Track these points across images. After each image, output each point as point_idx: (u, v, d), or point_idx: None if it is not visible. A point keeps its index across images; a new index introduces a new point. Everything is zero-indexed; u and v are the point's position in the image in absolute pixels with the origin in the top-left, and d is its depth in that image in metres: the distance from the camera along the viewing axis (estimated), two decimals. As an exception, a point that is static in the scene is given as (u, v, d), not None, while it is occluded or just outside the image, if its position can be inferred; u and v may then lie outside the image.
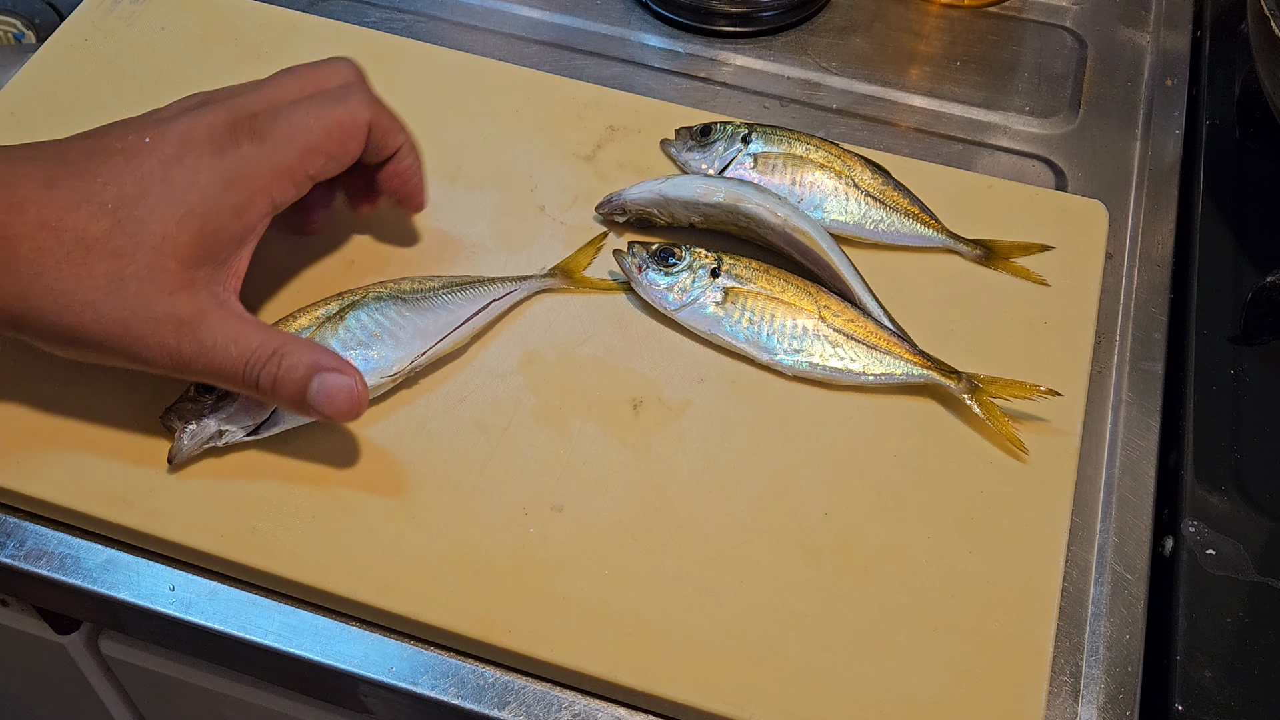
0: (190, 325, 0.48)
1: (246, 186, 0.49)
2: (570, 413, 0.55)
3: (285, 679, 0.53)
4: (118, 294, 0.47)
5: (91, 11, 0.72)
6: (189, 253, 0.48)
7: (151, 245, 0.48)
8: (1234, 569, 0.52)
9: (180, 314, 0.48)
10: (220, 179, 0.49)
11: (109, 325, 0.47)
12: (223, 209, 0.49)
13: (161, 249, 0.48)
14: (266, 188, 0.50)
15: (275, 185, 0.50)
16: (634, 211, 0.62)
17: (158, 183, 0.49)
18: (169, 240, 0.48)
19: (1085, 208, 0.65)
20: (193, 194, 0.49)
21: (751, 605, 0.50)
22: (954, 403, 0.56)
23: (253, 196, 0.50)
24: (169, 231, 0.48)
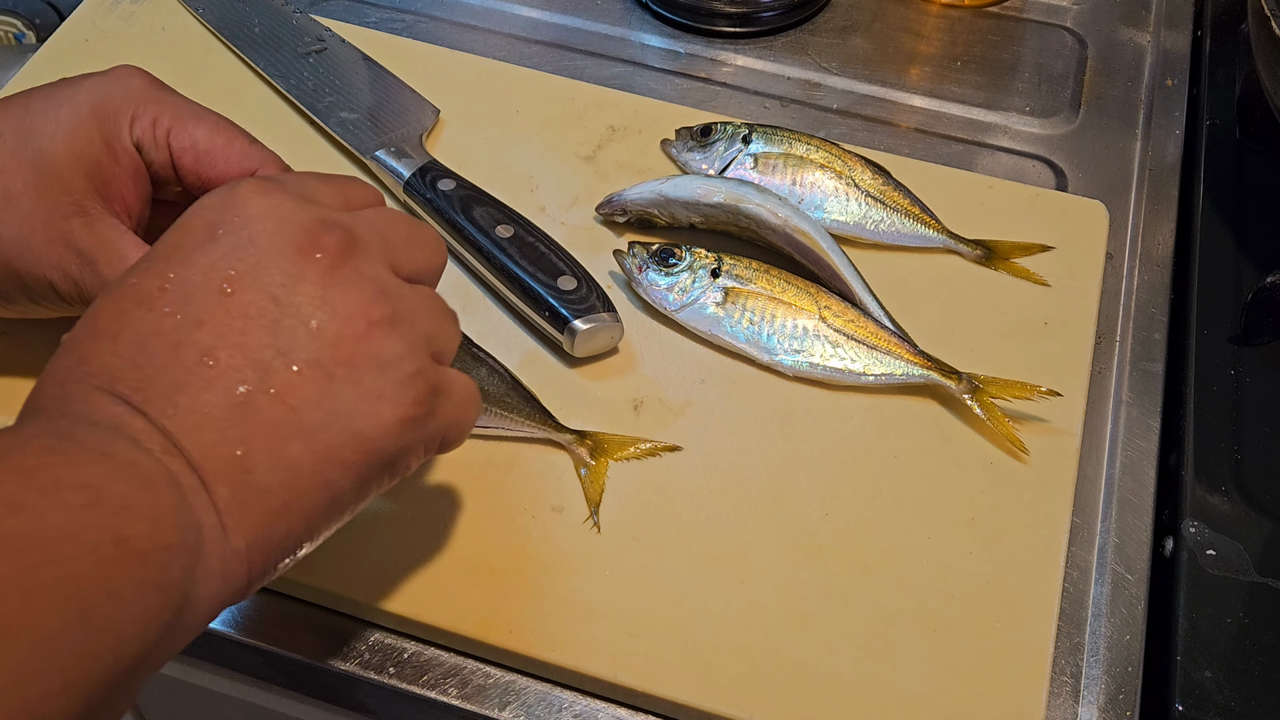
0: (90, 256, 0.48)
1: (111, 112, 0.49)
2: (571, 413, 0.55)
3: (285, 679, 0.53)
4: (10, 210, 0.48)
5: (92, 12, 0.72)
6: (66, 173, 0.48)
7: (30, 160, 0.48)
8: (1234, 569, 0.52)
9: (78, 242, 0.48)
10: (90, 101, 0.49)
11: (9, 244, 0.48)
12: (92, 132, 0.49)
13: (40, 164, 0.48)
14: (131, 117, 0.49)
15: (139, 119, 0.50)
16: (634, 212, 0.62)
17: (37, 100, 0.49)
18: (45, 156, 0.48)
19: (1085, 208, 0.65)
20: (64, 110, 0.49)
21: (752, 605, 0.50)
22: (954, 403, 0.56)
23: (117, 124, 0.49)
24: (45, 147, 0.48)
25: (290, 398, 0.38)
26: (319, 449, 0.38)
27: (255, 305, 0.38)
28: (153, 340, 0.38)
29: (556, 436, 0.54)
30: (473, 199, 0.61)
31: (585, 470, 0.53)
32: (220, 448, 0.37)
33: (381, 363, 0.40)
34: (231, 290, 0.38)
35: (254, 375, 0.38)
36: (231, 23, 0.72)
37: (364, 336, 0.39)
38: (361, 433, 0.39)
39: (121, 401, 0.37)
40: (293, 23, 0.72)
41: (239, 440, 0.37)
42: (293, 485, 0.38)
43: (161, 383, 0.37)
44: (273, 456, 0.38)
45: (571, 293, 0.57)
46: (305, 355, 0.38)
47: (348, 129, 0.66)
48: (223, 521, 0.37)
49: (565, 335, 0.56)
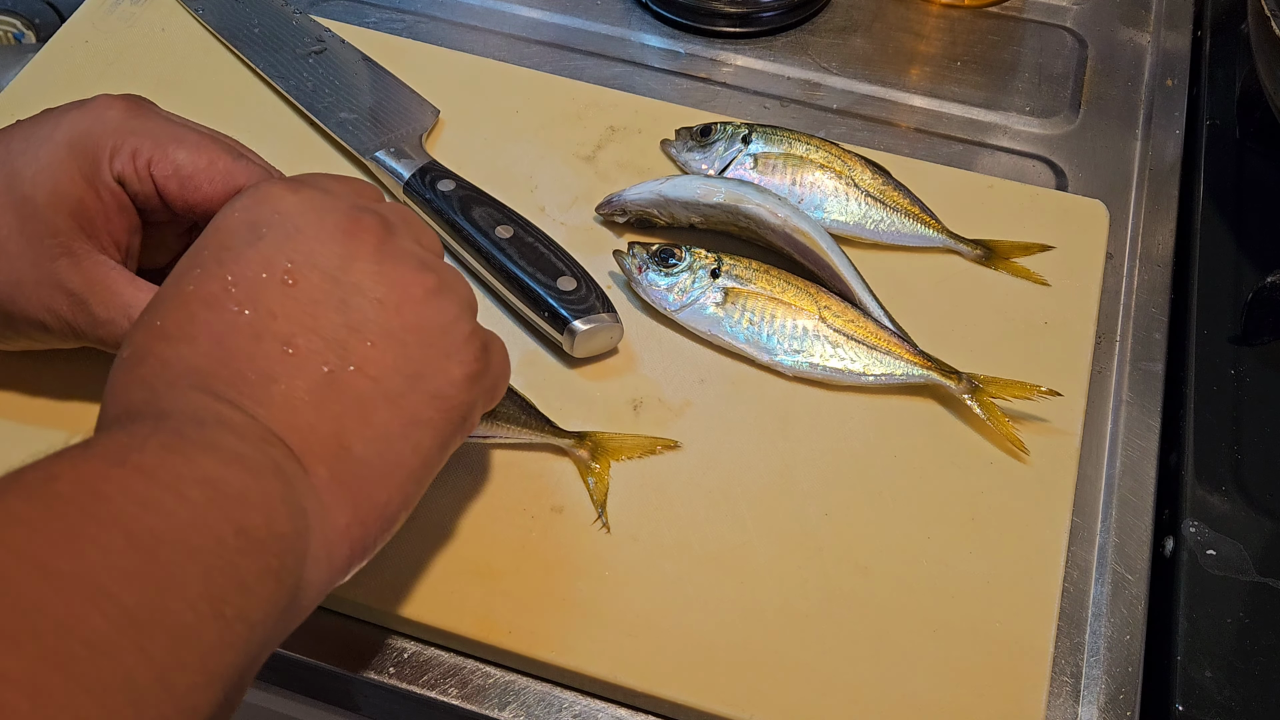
0: (80, 297, 0.48)
1: (89, 148, 0.49)
2: (570, 413, 0.55)
3: (286, 680, 0.53)
4: (1, 255, 0.48)
5: (92, 13, 0.72)
6: (49, 216, 0.48)
7: (15, 206, 0.48)
8: (1234, 569, 0.52)
9: (67, 284, 0.48)
10: (67, 139, 0.49)
11: (2, 287, 0.48)
12: (71, 171, 0.49)
13: (23, 209, 0.48)
14: (110, 151, 0.49)
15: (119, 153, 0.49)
16: (634, 212, 0.62)
17: (19, 141, 0.50)
18: (29, 201, 0.48)
19: (1085, 208, 0.65)
20: (44, 150, 0.49)
21: (751, 606, 0.50)
22: (954, 403, 0.56)
23: (96, 161, 0.49)
24: (27, 191, 0.48)
25: (371, 369, 0.40)
26: (405, 413, 0.41)
27: (319, 289, 0.40)
28: (232, 337, 0.39)
29: (556, 441, 0.54)
30: (472, 199, 0.61)
31: (589, 472, 0.53)
32: (316, 429, 0.39)
33: (443, 325, 0.42)
34: (293, 281, 0.40)
35: (334, 354, 0.40)
36: (231, 23, 0.72)
37: (423, 302, 0.42)
38: (439, 391, 0.41)
39: (218, 397, 0.38)
40: (292, 23, 0.72)
41: (332, 418, 0.39)
42: (385, 453, 0.40)
43: (251, 375, 0.39)
44: (364, 428, 0.40)
45: (571, 293, 0.57)
46: (376, 327, 0.41)
47: (347, 129, 0.66)
48: (323, 501, 0.38)
49: (565, 336, 0.56)
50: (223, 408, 0.38)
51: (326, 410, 0.39)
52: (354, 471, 0.39)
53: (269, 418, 0.38)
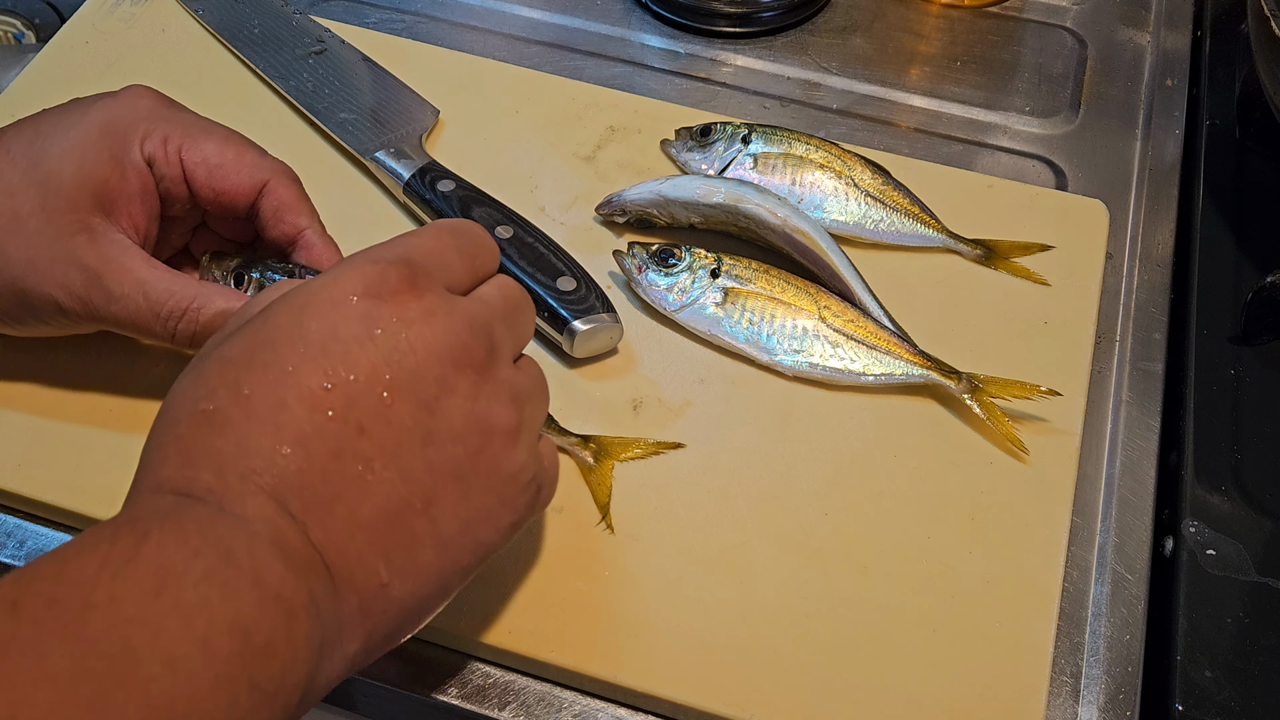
0: (96, 273, 0.48)
1: (121, 130, 0.50)
2: (570, 413, 0.55)
3: (286, 679, 0.53)
4: (18, 232, 0.48)
5: (92, 13, 0.72)
6: (73, 192, 0.48)
7: (39, 181, 0.48)
8: (1234, 569, 0.52)
9: (84, 259, 0.48)
10: (100, 121, 0.50)
11: (16, 265, 0.48)
12: (101, 151, 0.49)
13: (48, 185, 0.48)
14: (141, 135, 0.50)
15: (150, 136, 0.50)
16: (634, 212, 0.62)
17: (47, 123, 0.50)
18: (54, 177, 0.49)
19: (1085, 207, 0.65)
20: (74, 132, 0.50)
21: (751, 606, 0.50)
22: (954, 403, 0.56)
23: (126, 143, 0.50)
24: (53, 168, 0.49)
25: (434, 510, 0.39)
26: (447, 557, 0.39)
27: (411, 415, 0.38)
28: (317, 444, 0.37)
29: (559, 441, 0.54)
30: (472, 200, 0.61)
31: (591, 473, 0.53)
32: (365, 560, 0.37)
33: (510, 473, 0.41)
34: (390, 399, 0.38)
35: (405, 488, 0.38)
36: (232, 24, 0.72)
37: (501, 450, 0.40)
38: (484, 541, 0.40)
39: (281, 507, 0.36)
40: (292, 24, 0.72)
41: (383, 553, 0.38)
42: (417, 592, 0.39)
43: (322, 492, 0.37)
44: (408, 566, 0.38)
45: (571, 293, 0.57)
46: (451, 468, 0.39)
47: (347, 130, 0.66)
48: (343, 631, 0.37)
49: (565, 336, 0.56)
50: (282, 522, 0.36)
51: (380, 545, 0.37)
52: (384, 609, 0.38)
53: (323, 541, 0.37)
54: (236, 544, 0.34)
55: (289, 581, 0.35)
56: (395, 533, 0.38)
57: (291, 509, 0.36)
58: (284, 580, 0.35)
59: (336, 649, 0.37)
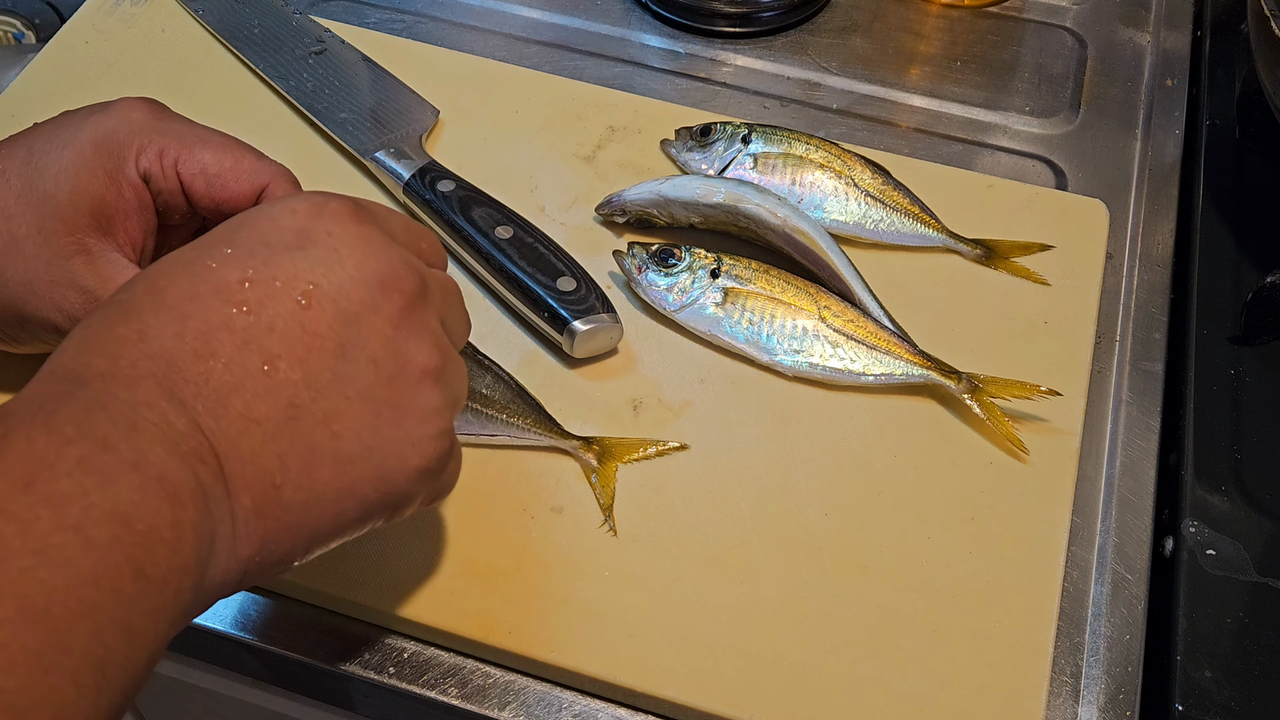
0: (95, 294, 0.48)
1: (116, 146, 0.50)
2: (570, 414, 0.55)
3: (285, 680, 0.53)
4: (16, 255, 0.48)
5: (92, 13, 0.72)
6: (68, 214, 0.48)
7: (35, 204, 0.48)
8: (1234, 569, 0.52)
9: (82, 280, 0.48)
10: (93, 138, 0.50)
11: (14, 288, 0.48)
12: (95, 169, 0.49)
13: (44, 208, 0.48)
14: (135, 150, 0.50)
15: (145, 151, 0.50)
16: (634, 212, 0.62)
17: (41, 141, 0.50)
18: (49, 199, 0.48)
19: (1085, 207, 0.65)
20: (68, 151, 0.49)
21: (751, 605, 0.50)
22: (954, 403, 0.56)
23: (121, 159, 0.50)
24: (48, 189, 0.48)
25: (335, 424, 0.38)
26: (345, 480, 0.39)
27: (327, 324, 0.38)
28: (222, 334, 0.37)
29: (562, 443, 0.54)
30: (472, 200, 0.61)
31: (595, 475, 0.53)
32: (258, 458, 0.37)
33: (424, 413, 0.40)
34: (307, 304, 0.38)
35: (308, 393, 0.38)
36: (231, 24, 0.72)
37: (415, 384, 0.40)
38: (387, 474, 0.40)
39: (170, 395, 0.36)
40: (292, 24, 0.72)
41: (277, 454, 0.37)
42: (310, 508, 0.38)
43: (219, 381, 0.36)
44: (303, 476, 0.38)
45: (571, 294, 0.57)
46: (360, 387, 0.39)
47: (347, 130, 0.66)
48: (235, 530, 0.37)
49: (565, 336, 0.56)
50: (170, 409, 0.35)
51: (274, 445, 0.37)
52: (275, 514, 0.37)
53: (215, 430, 0.36)
54: (114, 431, 0.34)
55: (172, 465, 0.34)
56: (292, 437, 0.37)
57: (183, 395, 0.36)
58: (166, 464, 0.34)
59: (229, 547, 0.36)
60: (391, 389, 0.39)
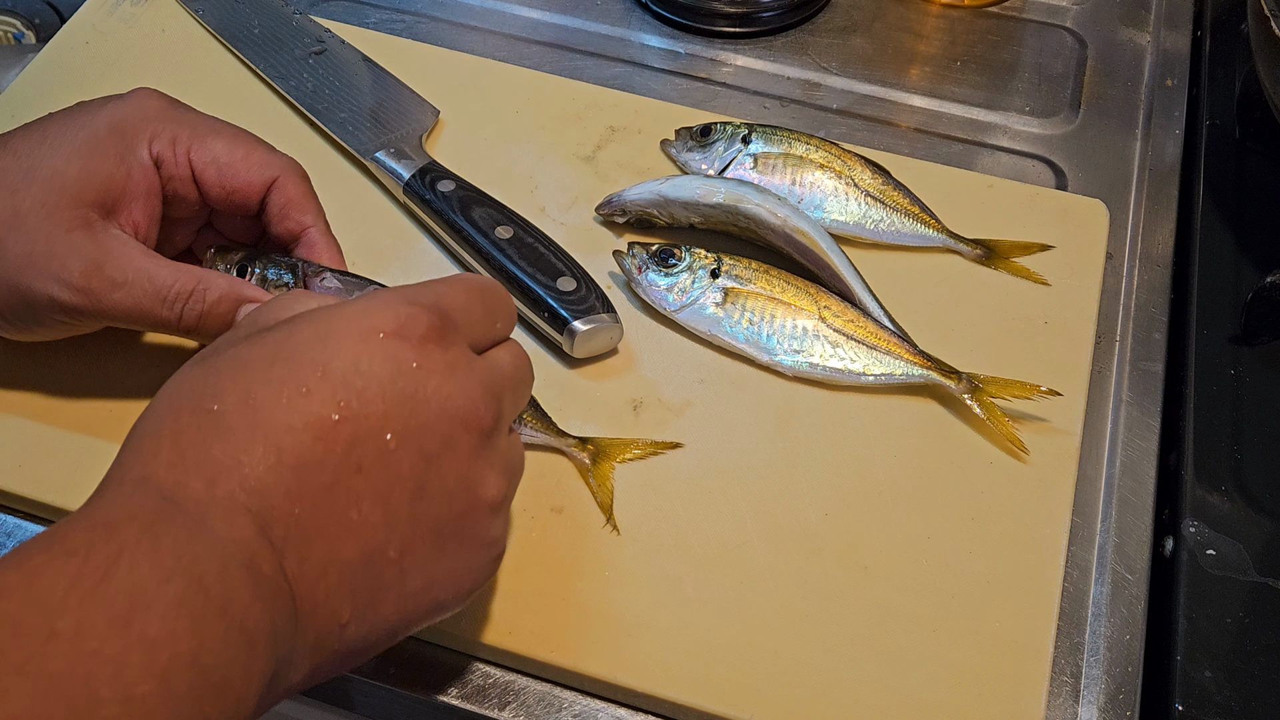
0: (96, 262, 0.48)
1: (130, 131, 0.50)
2: (570, 414, 0.55)
3: (286, 680, 0.53)
4: (18, 229, 0.48)
5: (92, 14, 0.72)
6: (76, 189, 0.49)
7: (43, 179, 0.49)
8: (1234, 569, 0.52)
9: (83, 250, 0.48)
10: (108, 122, 0.50)
11: (14, 259, 0.48)
12: (107, 150, 0.50)
13: (51, 183, 0.49)
14: (149, 135, 0.51)
15: (159, 137, 0.51)
16: (634, 212, 0.62)
17: (56, 125, 0.51)
18: (58, 175, 0.49)
19: (1086, 207, 0.65)
20: (82, 133, 0.50)
21: (751, 606, 0.50)
22: (954, 403, 0.56)
23: (134, 142, 0.50)
24: (58, 166, 0.49)
25: (406, 562, 0.38)
26: (406, 612, 0.39)
27: (410, 466, 0.38)
28: (313, 473, 0.36)
29: (558, 442, 0.54)
30: (472, 200, 0.61)
31: (590, 476, 0.53)
32: (331, 601, 0.37)
33: (486, 543, 0.41)
34: (394, 444, 0.38)
35: (385, 534, 0.38)
36: (232, 24, 0.72)
37: (484, 518, 0.40)
38: (442, 602, 0.40)
39: (262, 534, 0.35)
40: (292, 24, 0.72)
41: (349, 594, 0.37)
42: (368, 638, 0.39)
43: (307, 524, 0.36)
44: (368, 612, 0.38)
45: (571, 294, 0.57)
46: (433, 525, 0.39)
47: (347, 130, 0.66)
48: (292, 663, 0.36)
49: (565, 336, 0.56)
50: (259, 548, 0.35)
51: (347, 585, 0.37)
52: (335, 648, 0.38)
53: (297, 573, 0.36)
54: (210, 569, 0.33)
55: (254, 612, 0.34)
56: (366, 577, 0.37)
57: (272, 535, 0.36)
58: (249, 610, 0.34)
59: (282, 680, 0.36)
60: (461, 524, 0.40)
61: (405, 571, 0.38)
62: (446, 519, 0.39)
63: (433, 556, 0.39)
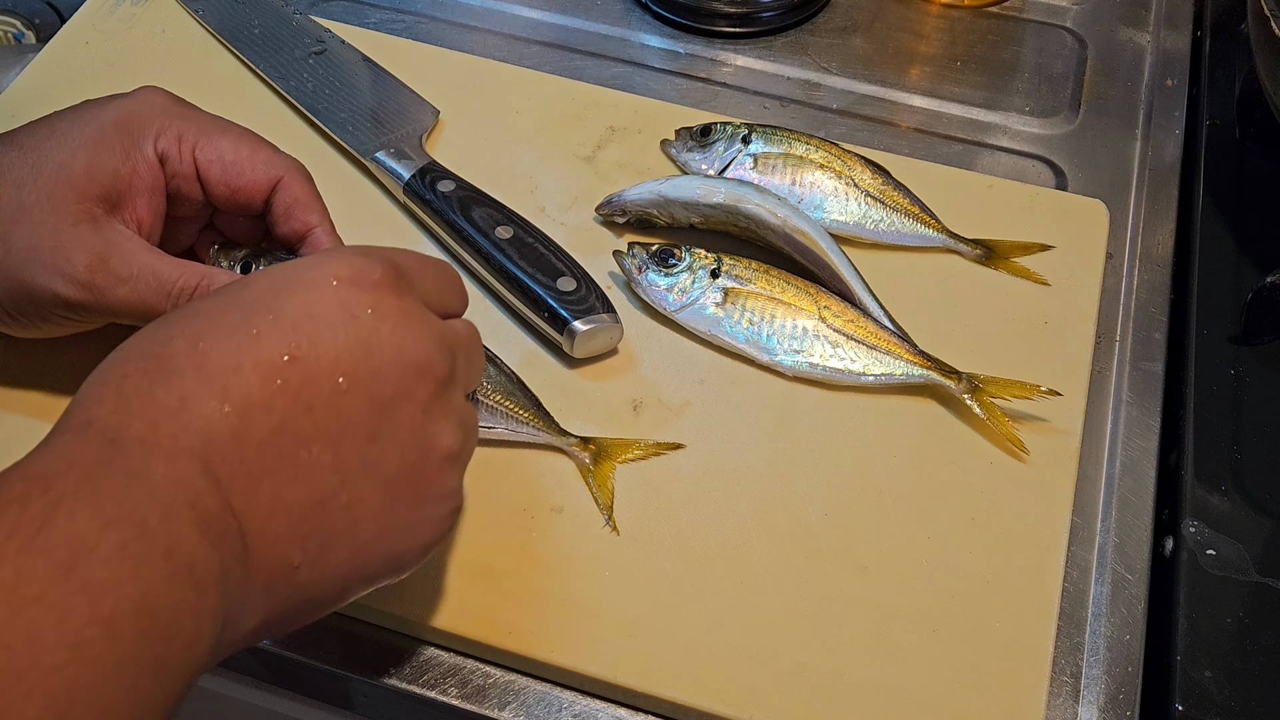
0: (101, 256, 0.48)
1: (135, 127, 0.50)
2: (570, 414, 0.55)
3: (285, 680, 0.53)
4: (24, 222, 0.48)
5: (92, 14, 0.72)
6: (82, 183, 0.49)
7: (49, 173, 0.49)
8: (1234, 569, 0.52)
9: (88, 244, 0.48)
10: (114, 118, 0.50)
11: (19, 253, 0.48)
12: (113, 145, 0.50)
13: (58, 176, 0.49)
14: (155, 131, 0.51)
15: (164, 133, 0.51)
16: (634, 212, 0.62)
17: (63, 121, 0.51)
18: (64, 168, 0.49)
19: (1086, 207, 0.65)
20: (89, 128, 0.50)
21: (751, 606, 0.50)
22: (954, 403, 0.56)
23: (139, 138, 0.50)
24: (64, 160, 0.49)
25: (358, 509, 0.38)
26: (358, 560, 0.39)
27: (362, 410, 0.38)
28: (261, 414, 0.36)
29: (558, 441, 0.54)
30: (472, 200, 0.61)
31: (591, 476, 0.53)
32: (280, 544, 0.37)
33: (440, 496, 0.41)
34: (346, 387, 0.38)
35: (336, 479, 0.38)
36: (232, 24, 0.72)
37: (437, 470, 0.40)
38: (398, 554, 0.40)
39: (206, 473, 0.35)
40: (292, 24, 0.72)
41: (299, 538, 0.37)
42: (320, 585, 0.38)
43: (254, 463, 0.36)
44: (319, 559, 0.38)
45: (571, 294, 0.57)
46: (385, 474, 0.39)
47: (347, 130, 0.66)
48: (245, 607, 0.36)
49: (565, 336, 0.56)
50: (205, 487, 0.35)
51: (298, 529, 0.37)
52: (286, 593, 0.37)
53: (244, 511, 0.36)
54: (152, 512, 0.33)
55: (201, 551, 0.34)
56: (316, 521, 0.37)
57: (218, 474, 0.35)
58: (196, 550, 0.34)
59: (236, 625, 0.36)
60: (414, 475, 0.40)
61: (358, 519, 0.38)
62: (400, 468, 0.39)
63: (386, 506, 0.39)
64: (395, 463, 0.39)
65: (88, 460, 0.34)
